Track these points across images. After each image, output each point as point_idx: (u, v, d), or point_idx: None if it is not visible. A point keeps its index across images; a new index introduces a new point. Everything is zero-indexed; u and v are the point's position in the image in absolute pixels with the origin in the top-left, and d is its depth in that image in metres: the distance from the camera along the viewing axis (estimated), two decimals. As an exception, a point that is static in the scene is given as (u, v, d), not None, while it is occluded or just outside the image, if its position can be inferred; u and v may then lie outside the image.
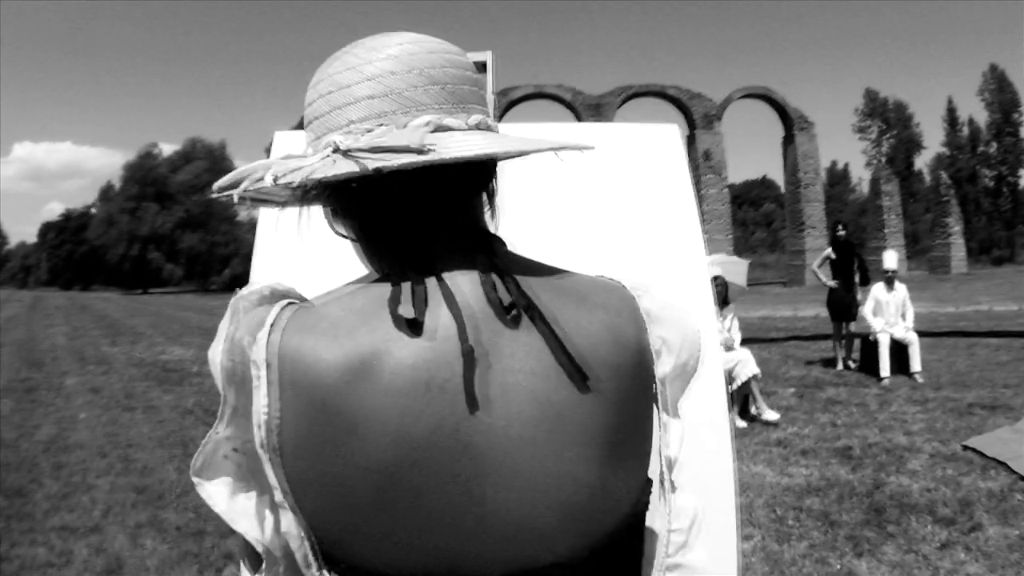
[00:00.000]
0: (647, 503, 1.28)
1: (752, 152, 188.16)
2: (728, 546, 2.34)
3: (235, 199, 1.20)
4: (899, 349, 13.26)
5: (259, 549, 1.17)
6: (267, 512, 1.15)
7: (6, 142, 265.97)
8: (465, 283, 1.18)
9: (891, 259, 13.86)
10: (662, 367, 1.29)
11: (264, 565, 1.18)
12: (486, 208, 1.35)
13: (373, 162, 1.12)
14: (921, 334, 13.67)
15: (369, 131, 1.18)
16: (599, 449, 1.15)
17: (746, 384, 10.71)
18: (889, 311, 13.54)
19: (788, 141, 51.12)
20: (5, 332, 21.95)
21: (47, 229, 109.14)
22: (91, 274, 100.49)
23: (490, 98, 2.38)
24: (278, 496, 1.12)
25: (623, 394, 1.20)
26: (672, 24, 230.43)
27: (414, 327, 1.11)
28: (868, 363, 13.78)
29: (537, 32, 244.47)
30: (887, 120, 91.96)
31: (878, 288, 13.79)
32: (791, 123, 50.48)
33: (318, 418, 1.08)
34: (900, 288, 13.71)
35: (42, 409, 12.58)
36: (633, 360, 1.23)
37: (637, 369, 1.23)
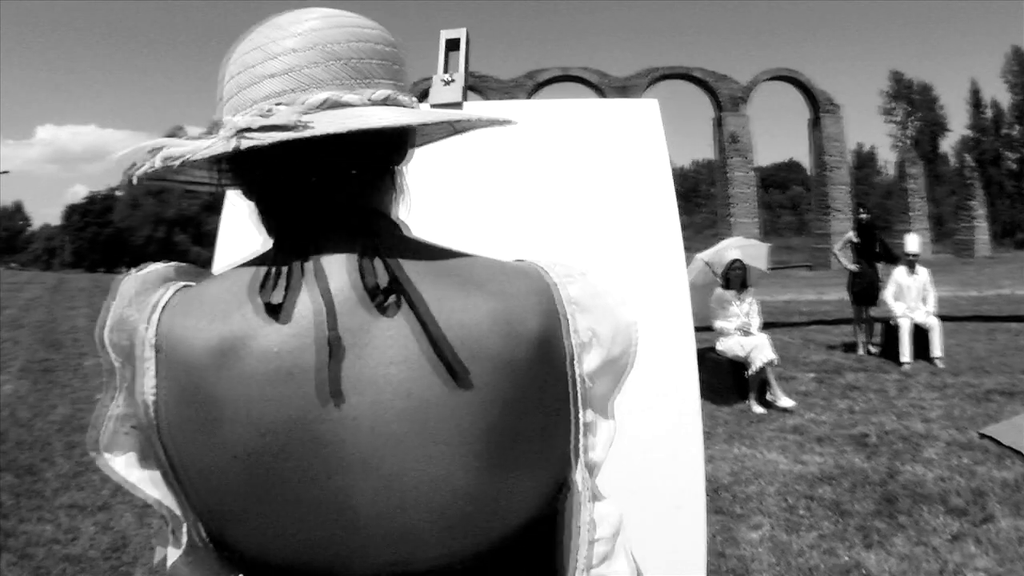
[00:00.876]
0: (555, 510, 1.21)
1: (779, 135, 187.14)
2: (696, 542, 2.25)
3: (134, 182, 1.15)
4: (920, 333, 13.09)
5: (167, 515, 1.16)
6: (167, 487, 1.15)
7: (29, 125, 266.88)
8: (337, 266, 1.13)
9: (913, 243, 13.67)
10: (589, 361, 1.21)
11: (171, 527, 1.17)
12: (395, 189, 1.31)
13: (249, 142, 1.08)
14: (942, 318, 13.51)
15: (268, 111, 1.13)
16: (478, 451, 1.08)
17: (762, 370, 10.58)
18: (911, 295, 13.38)
19: (814, 124, 50.78)
20: (26, 313, 22.02)
21: (71, 211, 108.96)
22: (116, 256, 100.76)
23: (461, 75, 2.33)
24: (167, 475, 1.13)
25: (513, 391, 1.11)
26: (698, 6, 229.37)
27: (276, 312, 1.08)
28: (889, 348, 13.59)
29: (564, 13, 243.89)
30: (912, 102, 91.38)
31: (900, 272, 13.61)
32: (817, 105, 50.14)
33: (189, 400, 1.08)
34: (922, 272, 13.53)
35: (58, 390, 12.57)
36: (530, 354, 1.13)
37: (537, 364, 1.14)
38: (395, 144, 1.28)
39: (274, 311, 1.08)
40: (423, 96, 2.05)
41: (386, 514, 1.07)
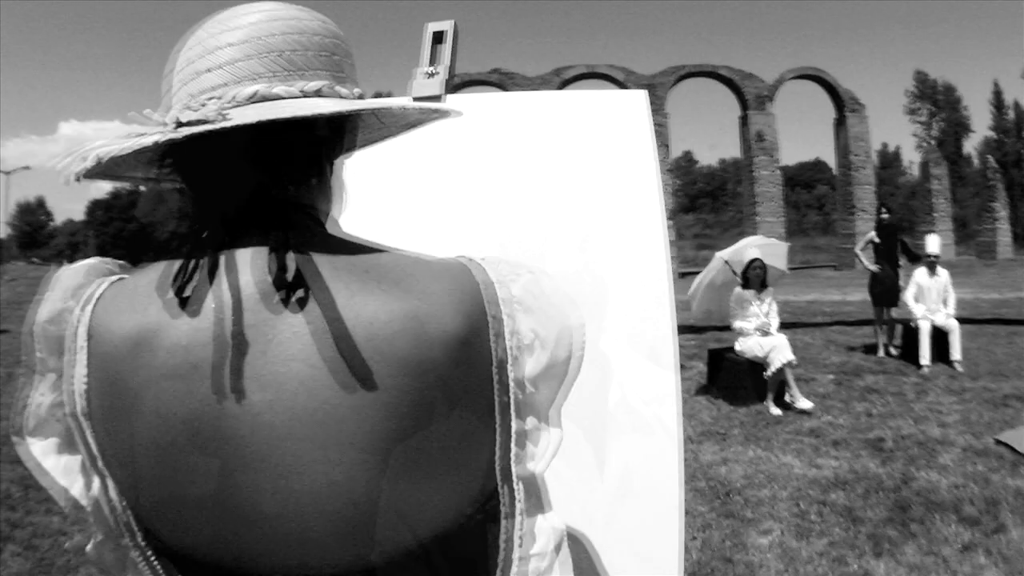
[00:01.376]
0: (482, 522, 1.17)
1: (806, 134, 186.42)
2: (670, 545, 2.20)
3: (72, 182, 1.15)
4: (940, 336, 12.95)
5: (65, 508, 1.20)
6: (84, 476, 1.18)
7: (52, 120, 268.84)
8: (248, 261, 1.12)
9: (934, 244, 13.49)
10: (531, 365, 1.18)
11: (71, 520, 1.17)
12: (329, 184, 1.31)
13: (163, 137, 1.10)
14: (962, 321, 13.35)
15: (203, 105, 1.14)
16: (380, 457, 1.06)
17: (781, 371, 10.48)
18: (931, 297, 13.21)
19: (840, 123, 50.46)
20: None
21: (95, 207, 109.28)
22: (140, 252, 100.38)
23: (444, 68, 2.30)
24: (97, 463, 1.14)
25: (423, 395, 1.08)
26: (725, 4, 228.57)
27: (185, 306, 1.09)
28: (909, 350, 13.44)
29: (591, 10, 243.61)
30: (936, 103, 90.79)
31: (920, 273, 13.44)
32: (842, 105, 49.89)
33: (110, 390, 1.10)
34: (942, 273, 13.36)
35: (74, 384, 12.61)
36: (445, 356, 1.10)
37: (454, 367, 1.11)
38: (326, 137, 1.27)
39: (183, 304, 1.08)
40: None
41: (285, 516, 1.07)
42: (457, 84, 2.43)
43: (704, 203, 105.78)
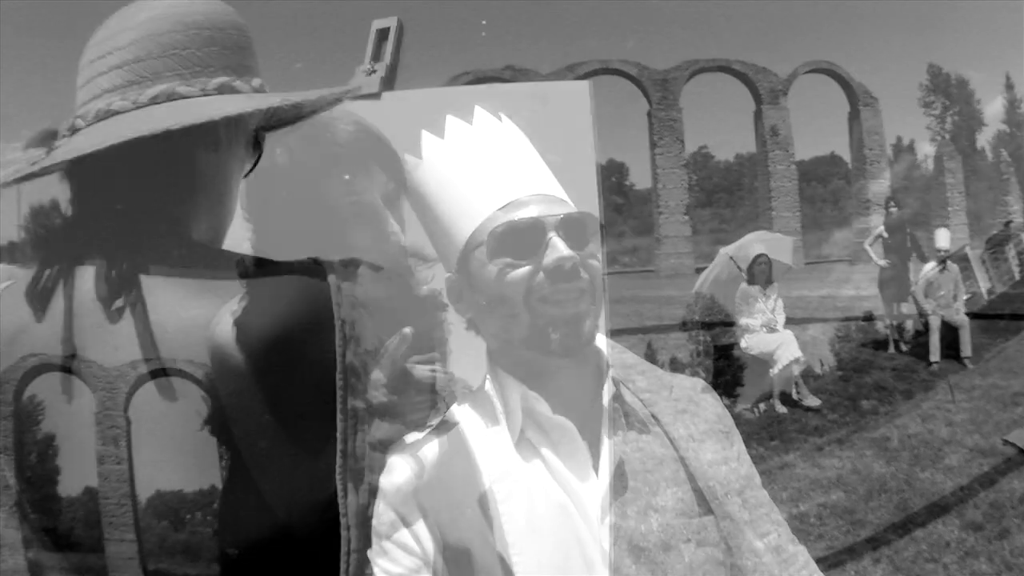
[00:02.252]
0: (318, 532, 1.15)
1: (820, 128, 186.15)
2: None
3: None
4: (951, 332, 12.76)
5: None
6: None
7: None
8: (89, 270, 1.16)
9: (943, 238, 13.35)
10: (379, 371, 1.19)
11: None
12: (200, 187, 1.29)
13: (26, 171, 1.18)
14: (973, 316, 13.19)
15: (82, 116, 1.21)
16: (199, 459, 1.08)
17: (787, 367, 10.29)
18: (941, 292, 13.04)
19: (853, 117, 50.35)
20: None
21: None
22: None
23: (384, 65, 2.20)
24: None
25: (240, 400, 1.10)
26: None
27: (41, 309, 1.15)
28: (919, 346, 13.28)
29: (603, 6, 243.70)
30: (950, 96, 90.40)
31: (930, 268, 13.27)
32: (856, 98, 49.75)
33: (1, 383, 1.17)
34: (952, 268, 13.20)
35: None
36: (266, 360, 1.10)
37: (278, 370, 1.11)
38: (183, 143, 1.23)
39: (40, 307, 1.15)
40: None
41: (126, 509, 1.09)
42: (470, 80, 2.36)
43: (720, 198, 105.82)
